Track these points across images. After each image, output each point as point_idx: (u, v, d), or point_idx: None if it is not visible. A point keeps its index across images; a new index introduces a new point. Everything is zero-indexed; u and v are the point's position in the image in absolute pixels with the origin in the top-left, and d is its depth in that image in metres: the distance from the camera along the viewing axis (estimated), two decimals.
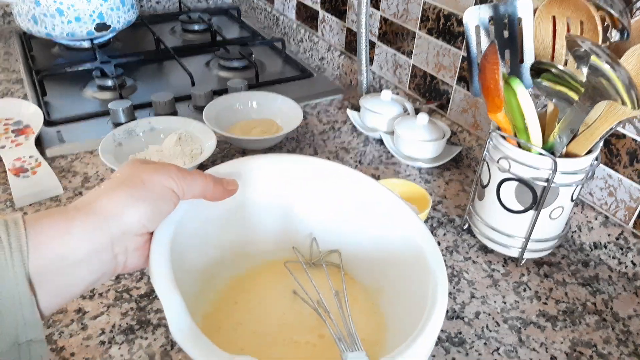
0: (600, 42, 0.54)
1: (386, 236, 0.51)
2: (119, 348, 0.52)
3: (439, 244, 0.69)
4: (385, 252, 0.51)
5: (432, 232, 0.70)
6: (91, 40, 1.14)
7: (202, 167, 0.81)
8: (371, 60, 1.04)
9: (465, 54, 0.82)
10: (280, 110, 0.91)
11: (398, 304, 0.49)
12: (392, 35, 0.96)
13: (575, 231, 0.70)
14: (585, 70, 0.50)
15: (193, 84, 1.01)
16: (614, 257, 0.66)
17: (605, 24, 0.55)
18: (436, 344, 0.55)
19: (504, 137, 0.60)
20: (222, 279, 0.54)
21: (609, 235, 0.66)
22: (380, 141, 0.91)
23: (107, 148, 0.76)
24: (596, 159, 0.60)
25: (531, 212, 0.61)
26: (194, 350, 0.34)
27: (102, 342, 0.53)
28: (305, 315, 0.51)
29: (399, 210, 0.50)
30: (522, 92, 0.57)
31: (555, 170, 0.57)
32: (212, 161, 0.83)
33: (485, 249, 0.68)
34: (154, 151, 0.80)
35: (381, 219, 0.51)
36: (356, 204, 0.53)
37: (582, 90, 0.53)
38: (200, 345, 0.35)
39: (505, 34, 0.60)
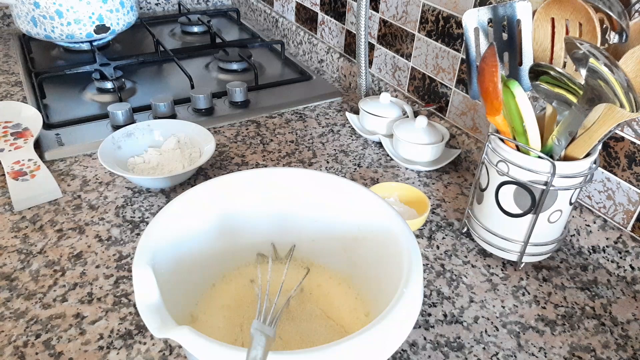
0: (598, 44, 0.53)
1: (355, 223, 0.55)
2: (117, 353, 0.52)
3: (437, 247, 0.68)
4: (356, 238, 0.55)
5: (430, 236, 0.70)
6: (90, 42, 1.14)
7: (201, 170, 0.81)
8: (370, 63, 1.04)
9: (464, 56, 0.81)
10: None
11: (374, 281, 0.53)
12: (392, 37, 0.96)
13: (574, 235, 0.70)
14: (583, 72, 0.50)
15: (192, 86, 1.01)
16: (612, 261, 0.66)
17: (604, 26, 0.55)
18: (434, 349, 0.54)
19: (502, 140, 0.60)
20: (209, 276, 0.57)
21: (607, 238, 0.66)
22: (379, 144, 0.91)
23: (106, 151, 0.76)
24: (595, 162, 0.60)
25: (530, 216, 0.61)
26: (149, 320, 0.38)
27: (101, 347, 0.53)
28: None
29: (363, 198, 0.54)
30: (521, 95, 0.57)
31: (553, 173, 0.56)
32: (211, 164, 0.83)
33: (484, 253, 0.68)
34: (153, 154, 0.79)
35: (348, 209, 0.55)
36: (324, 201, 0.57)
37: (581, 92, 0.53)
38: (157, 316, 0.38)
39: (504, 36, 0.60)
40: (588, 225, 0.68)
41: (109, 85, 1.01)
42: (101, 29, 1.10)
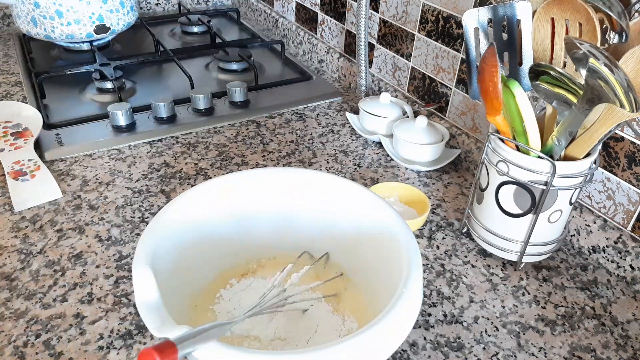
0: (598, 44, 0.53)
1: (355, 223, 0.55)
2: (118, 353, 0.52)
3: (437, 247, 0.68)
4: (356, 238, 0.56)
5: (430, 236, 0.70)
6: (90, 42, 1.14)
7: (201, 170, 0.81)
8: (370, 63, 1.04)
9: (464, 56, 0.81)
10: None
11: (374, 281, 0.54)
12: (392, 37, 0.96)
13: (574, 235, 0.70)
14: (583, 72, 0.50)
15: (192, 86, 1.01)
16: (612, 261, 0.66)
17: (604, 26, 0.55)
18: (434, 349, 0.54)
19: (502, 140, 0.60)
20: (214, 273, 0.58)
21: (607, 239, 0.66)
22: (379, 144, 0.91)
23: None
24: (594, 162, 0.60)
25: (530, 216, 0.61)
26: (149, 320, 0.39)
27: (101, 347, 0.53)
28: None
29: (363, 198, 0.54)
30: (521, 95, 0.57)
31: (553, 173, 0.56)
32: (211, 164, 0.83)
33: (484, 253, 0.68)
34: None
35: (348, 209, 0.56)
36: (324, 201, 0.57)
37: (581, 92, 0.53)
38: (156, 316, 0.39)
39: (504, 36, 0.60)
40: (588, 225, 0.68)
41: (109, 85, 1.01)
42: (101, 29, 1.10)
